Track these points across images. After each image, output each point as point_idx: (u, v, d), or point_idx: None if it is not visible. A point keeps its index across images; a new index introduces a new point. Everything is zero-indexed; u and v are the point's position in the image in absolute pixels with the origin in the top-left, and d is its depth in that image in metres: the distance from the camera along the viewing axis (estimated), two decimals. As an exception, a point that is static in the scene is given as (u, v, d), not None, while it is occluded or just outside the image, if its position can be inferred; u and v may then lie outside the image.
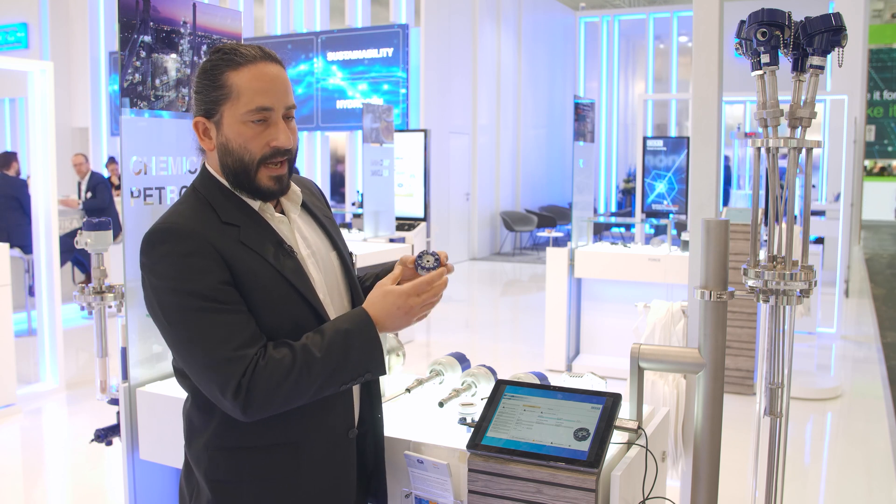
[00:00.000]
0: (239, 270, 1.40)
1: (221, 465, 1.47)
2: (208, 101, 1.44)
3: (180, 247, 1.38)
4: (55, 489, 4.01)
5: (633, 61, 17.16)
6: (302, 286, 1.46)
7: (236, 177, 1.46)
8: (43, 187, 5.20)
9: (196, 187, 1.50)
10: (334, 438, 1.51)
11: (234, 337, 1.36)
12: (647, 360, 1.76)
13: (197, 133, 1.48)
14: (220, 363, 1.35)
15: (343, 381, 1.41)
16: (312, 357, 1.37)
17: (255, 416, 1.37)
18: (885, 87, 20.41)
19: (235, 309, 1.38)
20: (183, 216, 1.43)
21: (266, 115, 1.44)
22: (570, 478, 1.51)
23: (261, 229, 1.47)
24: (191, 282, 1.36)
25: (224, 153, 1.45)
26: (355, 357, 1.40)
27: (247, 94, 1.42)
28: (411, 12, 11.09)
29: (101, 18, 12.71)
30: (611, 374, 2.86)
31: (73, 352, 6.21)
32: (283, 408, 1.39)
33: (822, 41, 1.64)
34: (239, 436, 1.45)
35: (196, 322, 1.36)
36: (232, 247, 1.41)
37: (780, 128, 1.74)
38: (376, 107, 7.04)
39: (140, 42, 2.14)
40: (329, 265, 1.58)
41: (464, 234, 12.48)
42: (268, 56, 1.45)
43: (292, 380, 1.36)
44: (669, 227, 5.85)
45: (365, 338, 1.42)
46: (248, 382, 1.34)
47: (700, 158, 2.04)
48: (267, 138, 1.44)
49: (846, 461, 4.28)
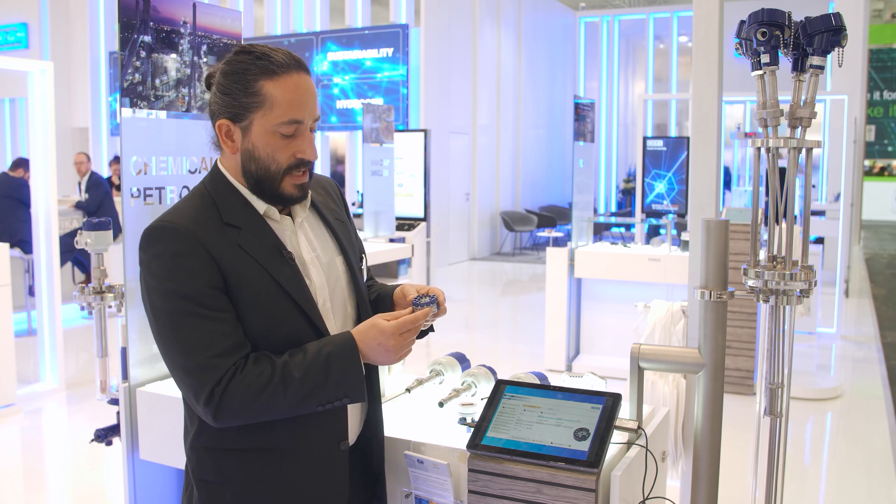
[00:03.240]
0: (231, 274, 1.39)
1: (206, 464, 1.48)
2: (238, 105, 1.41)
3: (173, 247, 1.38)
4: (55, 489, 4.01)
5: (633, 61, 17.16)
6: (298, 295, 1.44)
7: (259, 183, 1.45)
8: (43, 187, 5.20)
9: (205, 185, 1.49)
10: (322, 449, 1.49)
11: (214, 344, 1.36)
12: (647, 360, 1.76)
13: (219, 135, 1.46)
14: (197, 368, 1.35)
15: (319, 402, 1.40)
16: (290, 376, 1.37)
17: (225, 423, 1.39)
18: (885, 87, 20.41)
19: (220, 316, 1.38)
20: (182, 215, 1.42)
21: (297, 127, 1.43)
22: (570, 478, 1.51)
23: (261, 233, 1.45)
24: (180, 283, 1.36)
25: (248, 159, 1.44)
26: (334, 381, 1.39)
27: (282, 105, 1.40)
28: (411, 12, 11.09)
29: (101, 18, 12.70)
30: (611, 374, 2.86)
31: (73, 352, 6.21)
32: (257, 419, 1.40)
33: (822, 41, 1.64)
34: (222, 437, 1.45)
35: (179, 324, 1.36)
36: (227, 249, 1.40)
37: (780, 128, 1.74)
38: (376, 107, 7.04)
39: (140, 42, 2.14)
40: (333, 271, 1.55)
41: (464, 234, 12.48)
42: (300, 65, 1.44)
43: (266, 396, 1.36)
44: (669, 227, 5.85)
45: (346, 364, 1.40)
46: (222, 392, 1.35)
47: (700, 158, 2.04)
48: (294, 149, 1.44)
49: (846, 461, 4.28)
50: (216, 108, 1.45)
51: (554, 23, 15.21)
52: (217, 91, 1.45)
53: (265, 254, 1.43)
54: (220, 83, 1.44)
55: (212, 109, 1.47)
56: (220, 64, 1.47)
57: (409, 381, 2.03)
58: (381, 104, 8.18)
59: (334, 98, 11.21)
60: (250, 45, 1.45)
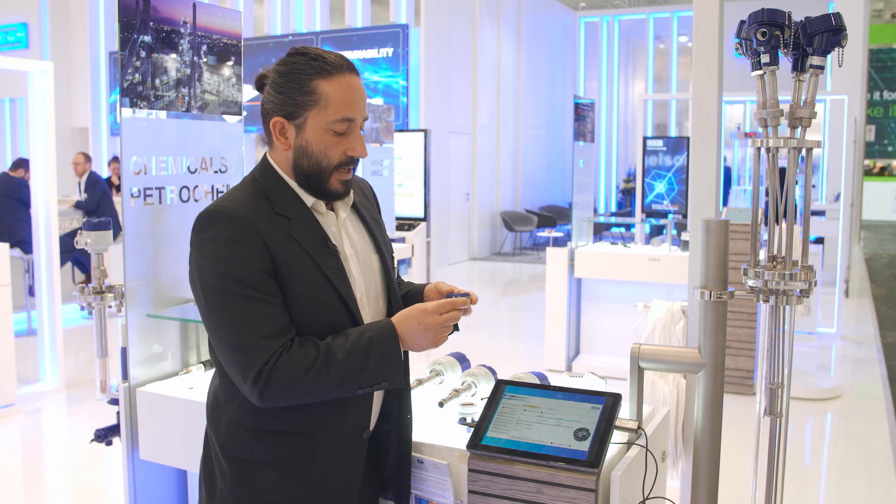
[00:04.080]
0: (281, 261, 1.45)
1: (241, 443, 1.52)
2: (293, 103, 1.47)
3: (227, 231, 1.43)
4: (55, 489, 4.01)
5: (633, 61, 17.16)
6: (340, 285, 1.50)
7: (308, 178, 1.51)
8: (43, 187, 5.20)
9: (255, 176, 1.55)
10: (348, 436, 1.54)
11: (264, 326, 1.41)
12: (647, 360, 1.76)
13: (273, 132, 1.51)
14: (246, 348, 1.40)
15: (360, 385, 1.45)
16: (334, 358, 1.42)
17: (270, 403, 1.43)
18: (885, 87, 20.41)
19: (270, 300, 1.43)
20: (236, 201, 1.47)
21: (349, 125, 1.49)
22: (570, 478, 1.51)
23: (310, 225, 1.51)
24: (233, 267, 1.42)
25: (301, 155, 1.50)
26: (374, 365, 1.45)
27: (336, 104, 1.47)
28: (411, 12, 11.08)
29: (101, 18, 12.70)
30: (611, 374, 2.86)
31: (73, 352, 6.21)
32: (299, 401, 1.44)
33: (822, 41, 1.64)
34: (260, 418, 1.49)
35: (231, 306, 1.41)
36: (279, 237, 1.46)
37: (780, 128, 1.74)
38: (376, 107, 7.03)
39: (140, 42, 2.15)
40: (370, 267, 1.61)
41: (464, 234, 12.48)
42: (352, 67, 1.50)
43: (311, 376, 1.41)
44: (669, 227, 5.85)
45: (386, 348, 1.46)
46: (270, 371, 1.39)
47: (700, 158, 2.04)
48: (345, 147, 1.50)
49: (846, 461, 4.28)
50: (270, 106, 1.51)
51: (554, 23, 15.21)
52: (272, 90, 1.50)
53: (313, 244, 1.49)
54: (276, 82, 1.50)
55: (265, 108, 1.53)
56: (273, 65, 1.53)
57: (410, 382, 2.03)
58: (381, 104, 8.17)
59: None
60: (304, 47, 1.51)
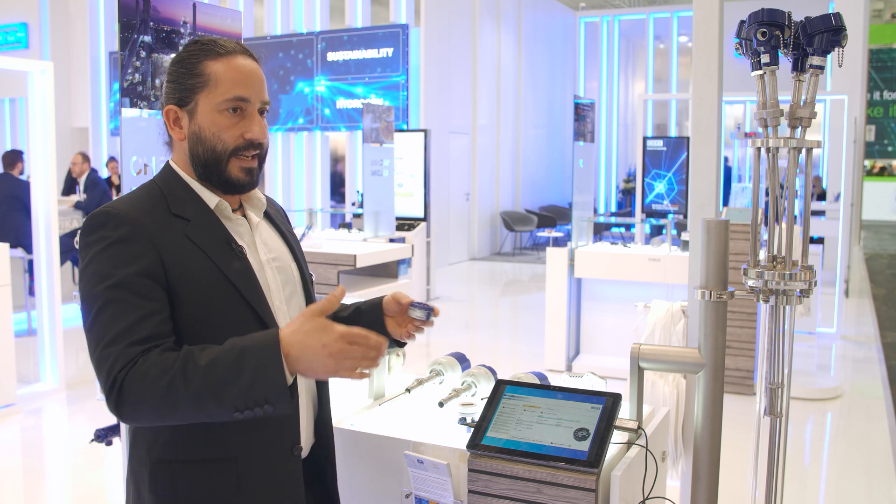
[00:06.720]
0: (175, 265, 1.35)
1: (161, 479, 1.38)
2: (183, 88, 1.42)
3: (114, 232, 1.34)
4: (55, 489, 4.01)
5: (633, 61, 17.16)
6: (246, 289, 1.39)
7: (206, 167, 1.43)
8: (43, 187, 5.20)
9: (155, 179, 1.49)
10: (276, 455, 1.42)
11: (132, 332, 1.27)
12: (647, 360, 1.76)
13: (167, 122, 1.44)
14: (107, 356, 1.26)
15: (235, 405, 1.22)
16: (194, 366, 1.22)
17: (127, 418, 1.27)
18: (885, 87, 20.41)
19: (145, 305, 1.30)
20: (128, 203, 1.40)
21: (242, 105, 1.42)
22: (570, 478, 1.51)
23: (211, 226, 1.42)
24: (111, 270, 1.31)
25: (195, 142, 1.42)
26: (247, 381, 1.21)
27: (225, 83, 1.40)
28: (411, 12, 11.08)
29: (101, 18, 12.71)
30: (611, 374, 2.86)
31: (73, 352, 6.21)
32: (159, 417, 1.25)
33: (822, 41, 1.64)
34: (174, 448, 1.37)
35: (103, 310, 1.29)
36: (173, 240, 1.37)
37: (780, 128, 1.74)
38: (376, 107, 7.04)
39: (140, 42, 2.15)
40: (289, 276, 1.53)
41: (464, 234, 12.48)
42: (245, 51, 1.45)
43: (164, 384, 1.22)
44: (669, 227, 5.85)
45: (262, 362, 1.21)
46: (123, 379, 1.23)
47: (700, 158, 2.04)
48: (241, 129, 1.42)
49: (846, 461, 4.28)
50: (164, 98, 1.45)
51: (554, 23, 15.21)
52: (166, 82, 1.46)
53: (213, 246, 1.40)
54: (168, 72, 1.45)
55: (161, 102, 1.47)
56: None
57: (409, 381, 2.03)
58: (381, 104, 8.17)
59: (334, 98, 11.21)
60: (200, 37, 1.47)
